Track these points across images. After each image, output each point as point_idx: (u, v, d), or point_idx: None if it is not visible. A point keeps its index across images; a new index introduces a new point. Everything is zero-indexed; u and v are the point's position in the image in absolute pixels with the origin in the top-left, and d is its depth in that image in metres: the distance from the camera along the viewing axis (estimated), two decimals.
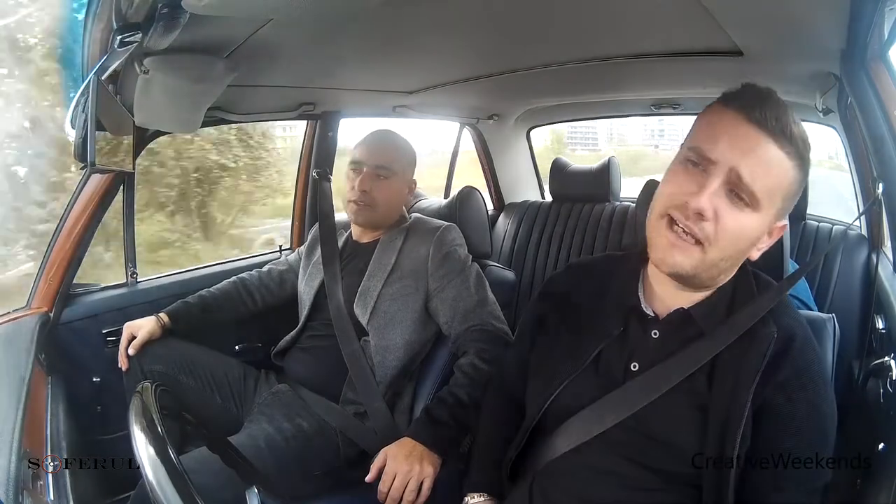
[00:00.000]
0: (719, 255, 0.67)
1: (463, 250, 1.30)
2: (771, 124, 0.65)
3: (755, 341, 0.68)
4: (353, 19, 0.91)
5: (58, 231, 1.30)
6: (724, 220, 0.65)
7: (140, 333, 1.21)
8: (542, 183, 2.47)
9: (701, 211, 0.64)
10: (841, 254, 1.50)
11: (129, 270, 1.47)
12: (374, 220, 1.30)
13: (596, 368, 0.74)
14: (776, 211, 0.68)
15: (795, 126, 0.66)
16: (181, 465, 0.58)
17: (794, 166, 0.66)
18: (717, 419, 0.66)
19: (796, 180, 0.67)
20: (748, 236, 0.67)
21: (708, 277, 0.70)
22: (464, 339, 1.20)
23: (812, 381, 0.67)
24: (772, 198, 0.66)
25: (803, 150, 0.67)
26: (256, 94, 1.38)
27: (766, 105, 0.65)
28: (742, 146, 0.64)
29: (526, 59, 1.30)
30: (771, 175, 0.65)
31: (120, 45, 0.76)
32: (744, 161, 0.64)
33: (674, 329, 0.72)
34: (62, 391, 1.14)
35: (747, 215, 0.66)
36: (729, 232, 0.65)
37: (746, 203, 0.65)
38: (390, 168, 1.28)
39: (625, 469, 0.70)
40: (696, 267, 0.67)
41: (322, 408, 1.21)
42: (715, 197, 0.64)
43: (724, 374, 0.68)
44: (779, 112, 0.65)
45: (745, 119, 0.65)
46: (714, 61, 1.11)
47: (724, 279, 0.72)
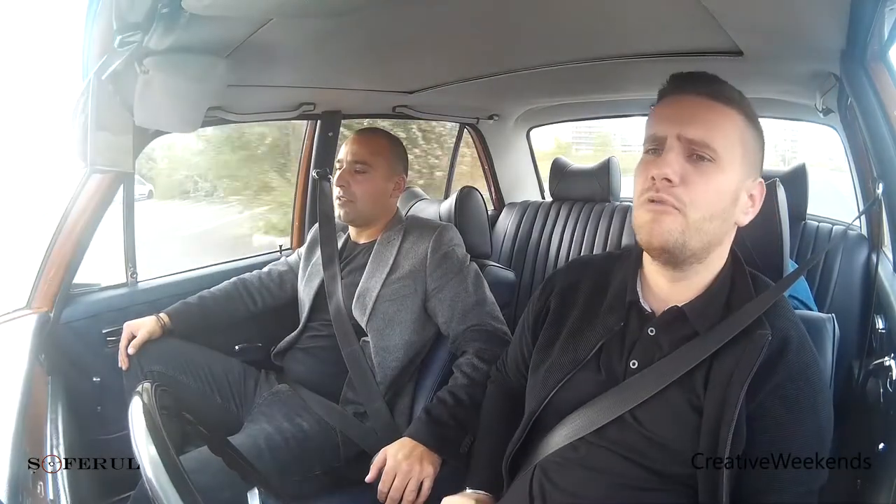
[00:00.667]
0: (700, 214, 0.67)
1: (461, 250, 1.30)
2: (704, 90, 0.70)
3: (750, 342, 0.68)
4: (353, 19, 0.91)
5: (58, 231, 1.30)
6: (692, 181, 0.67)
7: (140, 333, 1.22)
8: (542, 183, 2.47)
9: (665, 176, 0.67)
10: (841, 254, 1.50)
11: (130, 270, 1.47)
12: (356, 215, 1.31)
13: (597, 364, 0.75)
14: (740, 163, 0.69)
15: (733, 91, 0.70)
16: (181, 465, 0.58)
17: (740, 119, 0.70)
18: (709, 419, 0.66)
19: (750, 135, 0.71)
20: (722, 190, 0.68)
21: (700, 247, 0.69)
22: (463, 339, 1.20)
23: (808, 383, 0.67)
24: (730, 149, 0.68)
25: (747, 107, 0.71)
26: (256, 94, 1.38)
27: (695, 78, 0.71)
28: (682, 114, 0.69)
29: (526, 59, 1.29)
30: (719, 127, 0.68)
31: (120, 45, 0.76)
32: (689, 125, 0.68)
33: (668, 327, 0.72)
34: (62, 391, 1.14)
35: (713, 171, 0.68)
36: (701, 190, 0.67)
37: (709, 159, 0.67)
38: (368, 163, 1.29)
39: (622, 468, 0.70)
40: (683, 231, 0.67)
41: (322, 408, 1.21)
42: (677, 164, 0.67)
43: (719, 374, 0.68)
44: (709, 81, 0.70)
45: (679, 95, 0.71)
46: (714, 61, 1.11)
47: (717, 253, 0.72)
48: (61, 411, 1.05)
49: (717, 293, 0.72)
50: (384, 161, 1.32)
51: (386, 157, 1.32)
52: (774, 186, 0.86)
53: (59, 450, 0.91)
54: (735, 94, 0.70)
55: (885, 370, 0.93)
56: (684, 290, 0.73)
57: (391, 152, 1.34)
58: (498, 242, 2.10)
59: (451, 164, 2.40)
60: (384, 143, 1.34)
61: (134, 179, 1.44)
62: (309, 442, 1.15)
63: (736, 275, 0.74)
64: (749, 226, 0.85)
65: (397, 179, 1.34)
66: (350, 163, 1.30)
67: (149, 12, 0.70)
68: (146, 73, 0.89)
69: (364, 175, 1.29)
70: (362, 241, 1.35)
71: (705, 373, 0.69)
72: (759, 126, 0.72)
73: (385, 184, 1.32)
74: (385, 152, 1.33)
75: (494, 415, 0.94)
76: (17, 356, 1.07)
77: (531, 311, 0.88)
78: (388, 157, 1.33)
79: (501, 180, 2.36)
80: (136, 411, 0.62)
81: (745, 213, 0.72)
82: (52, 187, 1.79)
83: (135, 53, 0.82)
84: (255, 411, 1.23)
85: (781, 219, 0.84)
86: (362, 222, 1.34)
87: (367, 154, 1.30)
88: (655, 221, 0.68)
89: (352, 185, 1.29)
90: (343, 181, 1.29)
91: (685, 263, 0.71)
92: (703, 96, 0.69)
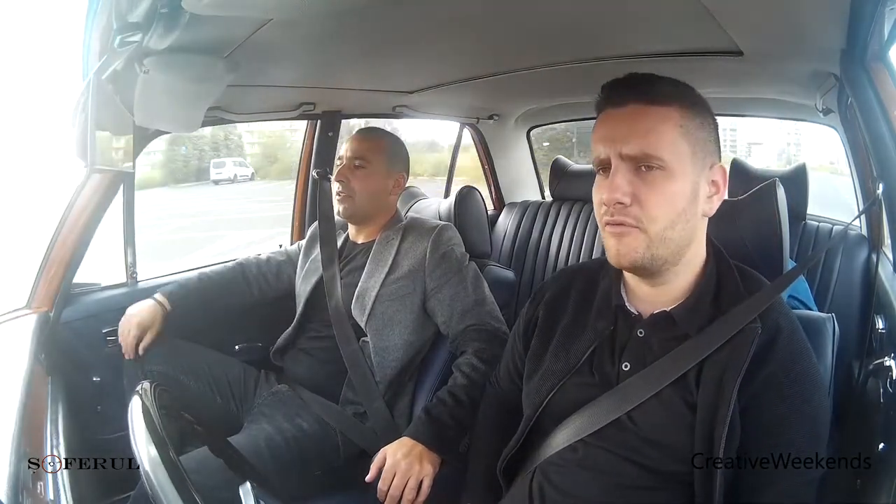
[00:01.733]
0: (661, 225, 0.67)
1: (460, 249, 1.30)
2: (634, 97, 0.68)
3: (740, 337, 0.68)
4: (353, 19, 0.91)
5: (58, 231, 1.30)
6: (644, 197, 0.66)
7: (149, 333, 1.23)
8: (542, 183, 2.47)
9: (616, 200, 0.66)
10: (841, 254, 1.50)
11: (129, 270, 1.47)
12: (354, 210, 1.31)
13: (590, 369, 0.75)
14: (690, 160, 0.68)
15: (665, 85, 0.68)
16: (181, 465, 0.58)
17: (678, 114, 0.68)
18: (703, 417, 0.66)
19: (695, 125, 0.68)
20: (677, 195, 0.67)
21: (670, 254, 0.69)
22: (462, 339, 1.20)
23: (799, 372, 0.67)
24: (675, 150, 0.67)
25: (685, 97, 0.69)
26: (256, 94, 1.38)
27: (624, 85, 0.69)
28: (616, 131, 0.68)
29: (526, 59, 1.29)
30: (657, 132, 0.66)
31: (120, 45, 0.76)
32: (627, 141, 0.67)
33: (657, 330, 0.72)
34: (62, 391, 1.14)
35: (663, 179, 0.66)
36: (654, 202, 0.66)
37: (656, 168, 0.66)
38: (367, 159, 1.30)
39: (620, 468, 0.70)
40: (648, 246, 0.67)
41: (322, 408, 1.21)
42: (625, 184, 0.66)
43: (710, 372, 0.68)
44: (638, 84, 0.69)
45: (612, 108, 0.69)
46: (714, 61, 1.11)
47: (692, 251, 0.71)
48: (61, 411, 1.05)
49: (704, 293, 0.72)
50: (383, 158, 1.32)
51: (385, 155, 1.33)
52: (774, 186, 0.86)
53: (59, 450, 0.91)
54: (668, 89, 0.68)
55: (885, 370, 0.93)
56: (668, 292, 0.73)
57: (391, 150, 1.34)
58: (498, 242, 2.10)
59: (451, 164, 2.40)
60: (384, 140, 1.35)
61: (134, 179, 1.44)
62: (309, 442, 1.15)
63: (721, 270, 0.73)
64: (749, 226, 0.84)
65: (397, 177, 1.34)
66: (350, 158, 1.31)
67: (149, 12, 0.70)
68: (146, 73, 0.89)
69: (363, 171, 1.30)
70: (361, 241, 1.35)
71: (697, 370, 0.69)
72: (704, 111, 0.70)
73: (384, 181, 1.32)
74: (384, 150, 1.33)
75: (488, 427, 0.94)
76: (17, 356, 1.07)
77: (521, 322, 0.88)
78: (388, 155, 1.33)
79: (501, 180, 2.36)
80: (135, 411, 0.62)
81: (710, 202, 0.70)
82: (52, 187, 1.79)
83: (135, 53, 0.82)
84: (254, 411, 1.23)
85: (781, 219, 0.84)
86: (361, 219, 1.34)
87: (366, 150, 1.31)
88: (619, 243, 0.68)
89: (351, 181, 1.29)
90: (342, 176, 1.30)
91: (661, 271, 0.71)
92: (636, 103, 0.67)
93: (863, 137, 0.95)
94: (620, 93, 0.69)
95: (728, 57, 1.07)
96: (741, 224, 0.85)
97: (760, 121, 2.21)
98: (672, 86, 0.69)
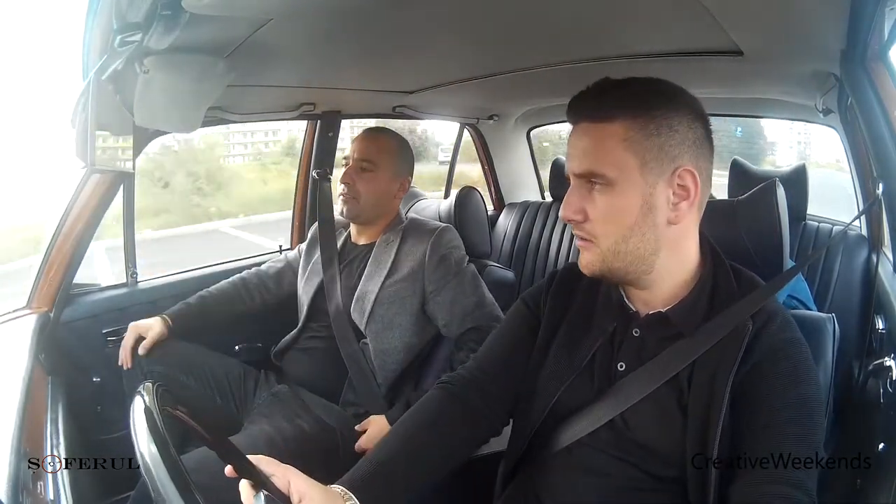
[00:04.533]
0: (611, 240, 0.68)
1: (459, 252, 1.30)
2: (580, 115, 0.69)
3: (730, 335, 0.67)
4: (353, 19, 0.91)
5: (58, 231, 1.30)
6: (592, 215, 0.68)
7: (149, 335, 1.22)
8: (542, 183, 2.47)
9: (567, 218, 0.70)
10: (841, 254, 1.50)
11: (129, 270, 1.47)
12: (358, 213, 1.31)
13: (591, 369, 0.74)
14: (639, 173, 0.66)
15: (613, 98, 0.67)
16: (182, 465, 0.58)
17: (623, 129, 0.66)
18: (695, 416, 0.66)
19: (642, 136, 0.66)
20: (624, 210, 0.67)
21: (626, 265, 0.69)
22: (462, 340, 1.20)
23: (786, 357, 0.65)
24: (619, 165, 0.66)
25: (632, 110, 0.67)
26: (256, 94, 1.38)
27: (580, 102, 0.69)
28: (572, 150, 0.70)
29: (526, 59, 1.29)
30: (599, 150, 0.67)
31: (120, 45, 0.76)
32: (575, 159, 0.69)
33: (652, 329, 0.72)
34: (62, 391, 1.14)
35: (608, 195, 0.67)
36: (601, 218, 0.68)
37: (602, 183, 0.67)
38: (374, 162, 1.29)
39: (616, 469, 0.70)
40: (603, 260, 0.69)
41: (322, 409, 1.21)
42: (576, 202, 0.69)
43: (701, 372, 0.67)
44: (589, 99, 0.69)
45: (572, 126, 0.71)
46: (714, 61, 1.11)
47: (667, 259, 0.70)
48: (61, 411, 1.05)
49: (699, 294, 0.71)
50: (391, 161, 1.31)
51: (393, 158, 1.32)
52: (774, 186, 0.86)
53: (59, 450, 0.91)
54: (612, 102, 0.67)
55: (885, 370, 0.93)
56: (658, 294, 0.72)
57: (399, 153, 1.33)
58: (498, 242, 2.10)
59: (451, 163, 2.40)
60: (392, 143, 1.34)
61: (134, 179, 1.44)
62: (309, 443, 1.15)
63: (718, 272, 0.73)
64: (749, 226, 0.84)
65: (402, 181, 1.33)
66: (357, 160, 1.30)
67: (149, 12, 0.70)
68: (146, 73, 0.89)
69: (370, 174, 1.29)
70: (362, 242, 1.35)
71: (689, 371, 0.68)
72: (662, 116, 0.66)
73: (389, 184, 1.31)
74: (392, 152, 1.32)
75: (418, 439, 0.75)
76: (17, 356, 1.07)
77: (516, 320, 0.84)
78: (395, 158, 1.32)
79: (501, 180, 2.36)
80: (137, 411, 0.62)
81: (676, 208, 0.67)
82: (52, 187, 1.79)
83: (135, 53, 0.82)
84: (254, 412, 1.23)
85: (781, 219, 0.84)
86: (363, 221, 1.33)
87: (374, 153, 1.30)
88: (581, 256, 0.71)
89: (356, 183, 1.28)
90: (348, 178, 1.29)
91: (633, 280, 0.71)
92: (585, 121, 0.68)
93: (863, 137, 0.95)
94: (574, 110, 0.70)
95: (728, 57, 1.07)
96: (741, 224, 0.85)
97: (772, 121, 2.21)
98: (618, 99, 0.67)
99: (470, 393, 0.80)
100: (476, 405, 0.79)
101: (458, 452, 0.78)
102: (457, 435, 0.77)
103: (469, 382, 0.81)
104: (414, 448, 0.73)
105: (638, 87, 0.68)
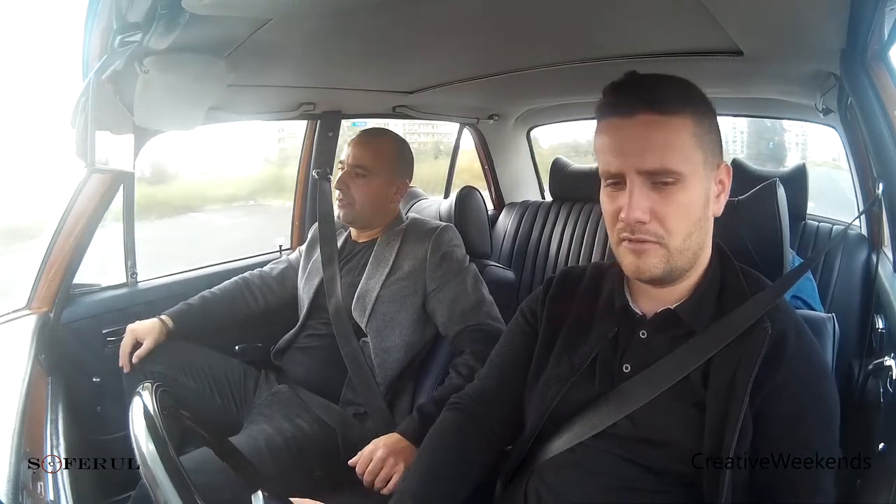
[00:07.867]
0: (680, 238, 0.67)
1: (460, 250, 1.29)
2: (638, 106, 0.65)
3: (750, 336, 0.67)
4: (353, 19, 0.91)
5: (58, 231, 1.30)
6: (663, 213, 0.65)
7: (146, 341, 1.21)
8: (542, 183, 2.47)
9: (637, 220, 0.65)
10: (841, 254, 1.50)
11: (129, 270, 1.47)
12: (354, 218, 1.31)
13: (592, 372, 0.74)
14: (703, 167, 0.67)
15: (674, 90, 0.66)
16: (181, 465, 0.58)
17: (692, 122, 0.66)
18: (713, 416, 0.66)
19: (704, 130, 0.67)
20: (693, 205, 0.67)
21: (687, 261, 0.69)
22: (461, 339, 1.20)
23: (811, 375, 0.66)
24: (690, 161, 0.65)
25: (693, 100, 0.67)
26: (256, 93, 1.38)
27: (633, 92, 0.66)
28: (630, 144, 0.65)
29: (526, 59, 1.29)
30: (675, 146, 0.65)
31: (120, 45, 0.76)
32: (644, 156, 0.64)
33: (661, 329, 0.72)
34: (62, 391, 1.14)
35: (680, 192, 0.65)
36: (673, 216, 0.66)
37: (672, 181, 0.65)
38: (368, 167, 1.28)
39: (621, 469, 0.69)
40: (668, 261, 0.67)
41: (322, 408, 1.21)
42: (644, 199, 0.65)
43: (719, 370, 0.67)
44: (649, 91, 0.65)
45: (620, 118, 0.66)
46: (714, 61, 1.11)
47: (704, 254, 0.71)
48: (61, 411, 1.05)
49: (707, 290, 0.72)
50: (387, 166, 1.30)
51: (389, 162, 1.31)
52: (774, 186, 0.86)
53: (59, 450, 0.91)
54: (676, 95, 0.66)
55: (885, 370, 0.93)
56: (675, 291, 0.73)
57: (396, 157, 1.32)
58: (498, 242, 2.10)
59: (451, 163, 2.40)
60: (389, 146, 1.32)
61: (134, 179, 1.44)
62: (309, 442, 1.15)
63: (725, 269, 0.73)
64: (749, 226, 0.84)
65: (399, 184, 1.32)
66: (351, 166, 1.28)
67: (149, 12, 0.70)
68: (146, 73, 0.90)
69: (365, 179, 1.28)
70: (362, 241, 1.35)
71: (703, 369, 0.68)
72: (710, 112, 0.68)
73: (386, 189, 1.31)
74: (389, 156, 1.31)
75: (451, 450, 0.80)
76: (17, 356, 1.06)
77: (517, 328, 0.86)
78: (392, 162, 1.31)
79: (501, 180, 2.36)
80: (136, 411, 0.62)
81: (718, 201, 0.70)
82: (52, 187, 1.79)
83: (135, 53, 0.82)
84: (254, 412, 1.22)
85: (781, 218, 0.84)
86: (361, 224, 1.33)
87: (370, 158, 1.29)
88: (639, 260, 0.67)
89: (351, 189, 1.28)
90: (343, 185, 1.28)
91: (675, 279, 0.71)
92: (647, 113, 0.64)
93: (863, 137, 0.95)
94: (628, 101, 0.66)
95: (728, 57, 1.07)
96: (742, 224, 0.85)
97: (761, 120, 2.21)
98: (682, 92, 0.66)
99: (480, 409, 0.83)
100: (487, 420, 0.83)
101: (480, 467, 0.81)
102: (478, 449, 0.81)
103: (477, 400, 0.85)
104: (443, 473, 0.77)
105: (684, 82, 0.68)
